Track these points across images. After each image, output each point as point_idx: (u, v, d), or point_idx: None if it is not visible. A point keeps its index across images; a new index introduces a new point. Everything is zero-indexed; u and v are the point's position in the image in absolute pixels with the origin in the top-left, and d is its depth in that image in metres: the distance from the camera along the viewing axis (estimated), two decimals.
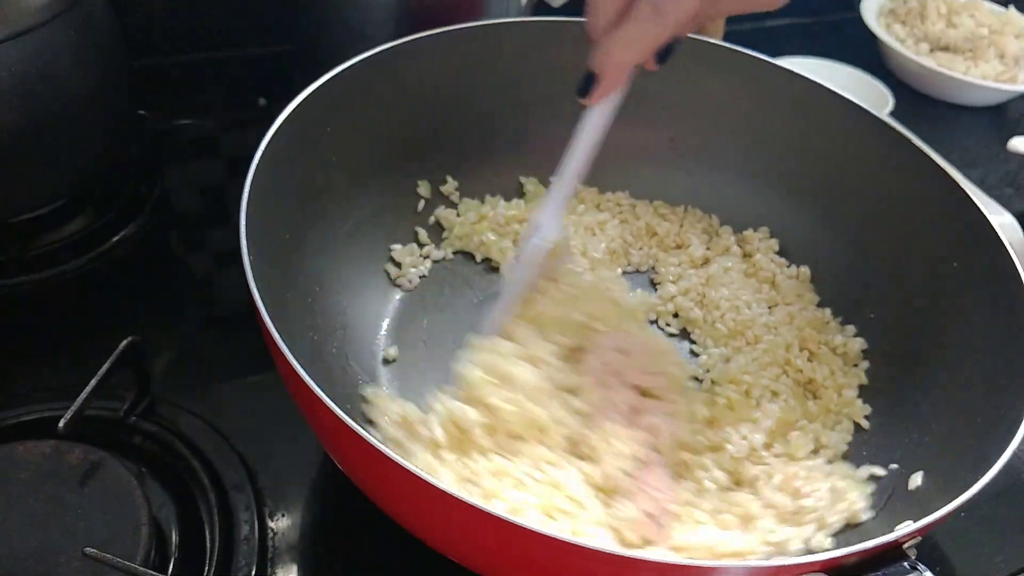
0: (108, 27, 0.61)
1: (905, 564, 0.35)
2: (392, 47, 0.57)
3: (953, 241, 0.54)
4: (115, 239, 0.63)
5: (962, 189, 0.54)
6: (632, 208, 0.68)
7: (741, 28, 0.90)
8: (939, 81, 0.97)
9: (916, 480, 0.48)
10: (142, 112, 0.70)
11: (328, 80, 0.54)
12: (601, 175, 0.65)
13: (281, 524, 0.51)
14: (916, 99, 0.99)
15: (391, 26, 0.66)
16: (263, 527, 0.50)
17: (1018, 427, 0.41)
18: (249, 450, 0.53)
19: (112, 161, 0.66)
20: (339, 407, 0.37)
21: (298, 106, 0.52)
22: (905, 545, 0.36)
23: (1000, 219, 0.75)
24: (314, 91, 0.53)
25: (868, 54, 1.00)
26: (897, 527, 0.39)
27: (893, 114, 0.87)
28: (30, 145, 0.56)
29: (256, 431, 0.54)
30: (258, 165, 0.48)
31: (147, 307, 0.63)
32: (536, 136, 0.67)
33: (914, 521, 0.38)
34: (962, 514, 0.53)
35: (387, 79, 0.59)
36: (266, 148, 0.49)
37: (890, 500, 0.48)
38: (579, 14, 0.67)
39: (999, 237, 0.51)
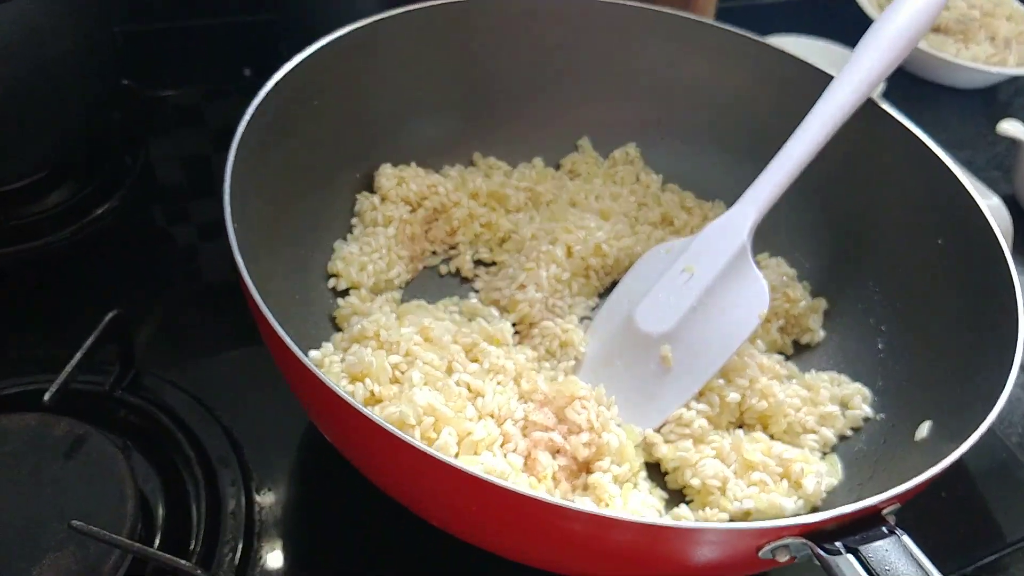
0: None
1: (883, 528, 0.36)
2: (379, 19, 0.57)
3: (939, 219, 0.55)
4: (99, 211, 0.63)
5: (949, 168, 0.54)
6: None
7: (735, 5, 0.89)
8: (930, 63, 0.97)
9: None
10: (126, 82, 0.68)
11: (313, 52, 0.54)
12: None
13: (267, 498, 0.51)
14: (908, 80, 1.00)
15: None
16: (249, 501, 0.50)
17: (994, 403, 0.41)
18: (235, 423, 0.53)
19: (95, 131, 0.65)
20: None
21: (282, 78, 0.52)
22: (884, 511, 0.37)
23: (987, 201, 0.75)
24: (299, 63, 0.53)
25: (858, 32, 1.00)
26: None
27: (885, 95, 0.87)
28: (11, 114, 0.56)
29: (242, 404, 0.54)
30: (242, 137, 0.48)
31: (131, 279, 0.62)
32: (528, 114, 0.67)
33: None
34: (943, 494, 0.55)
35: (375, 53, 0.58)
36: (250, 120, 0.49)
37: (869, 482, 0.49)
38: None
39: (984, 215, 0.51)
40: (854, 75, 0.55)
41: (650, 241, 0.63)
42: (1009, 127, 0.83)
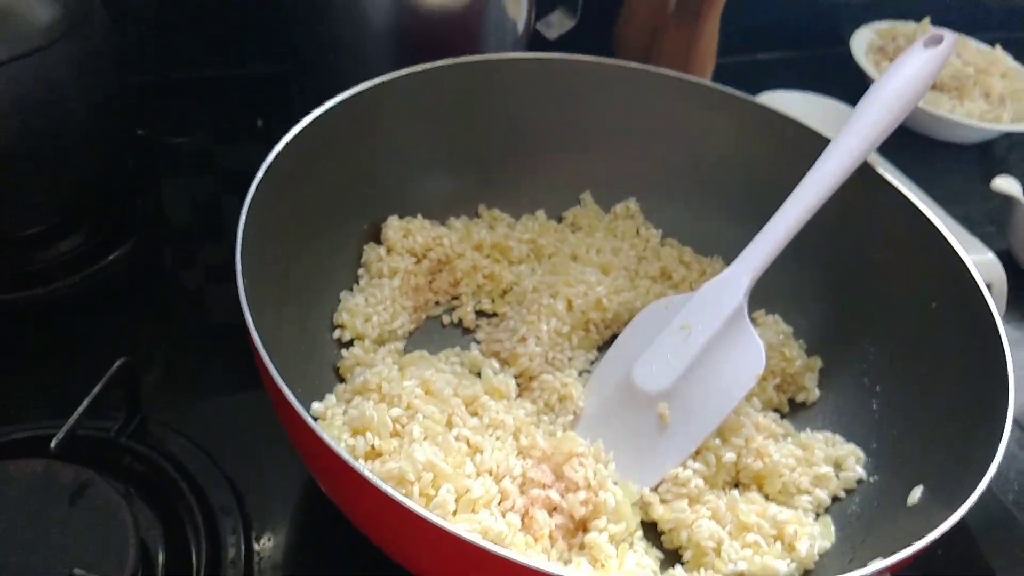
0: (109, 48, 0.61)
1: None
2: (390, 79, 0.59)
3: (932, 283, 0.56)
4: (110, 257, 0.63)
5: (941, 232, 0.55)
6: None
7: (732, 61, 0.91)
8: (925, 119, 0.99)
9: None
10: (140, 132, 0.70)
11: (326, 110, 0.55)
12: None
13: (267, 547, 0.51)
14: (903, 135, 1.00)
15: (390, 55, 0.67)
16: (249, 550, 0.50)
17: (985, 471, 0.42)
18: (237, 472, 0.54)
19: (109, 179, 0.66)
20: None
21: (296, 134, 0.53)
22: None
23: (982, 257, 0.77)
24: (313, 120, 0.55)
25: (857, 89, 1.02)
26: (869, 563, 0.40)
27: (880, 149, 0.89)
28: (29, 166, 0.57)
29: (245, 452, 0.55)
30: (255, 191, 0.49)
31: (140, 324, 0.63)
32: (532, 168, 0.69)
33: (883, 558, 0.39)
34: (939, 551, 0.55)
35: (385, 110, 0.60)
36: (263, 175, 0.50)
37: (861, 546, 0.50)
38: (572, 47, 0.70)
39: (976, 280, 0.52)
40: (850, 138, 0.57)
41: (649, 295, 0.64)
42: (1003, 184, 0.85)
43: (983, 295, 0.51)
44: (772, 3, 1.06)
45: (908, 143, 1.00)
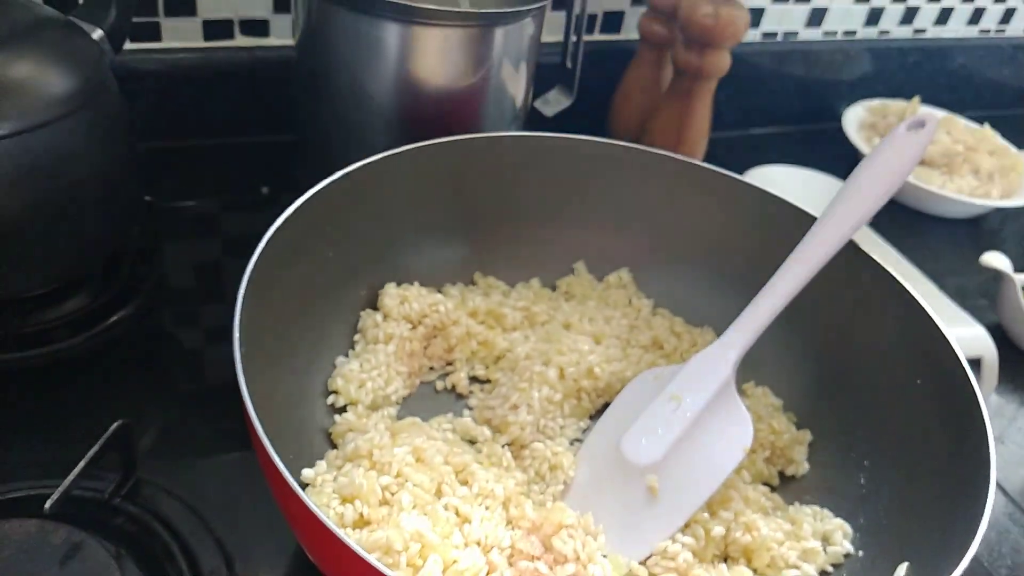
0: (121, 118, 0.63)
1: None
2: (392, 155, 0.61)
3: (917, 360, 0.57)
4: (112, 319, 0.65)
5: (925, 310, 0.56)
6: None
7: (726, 135, 0.94)
8: (916, 194, 1.01)
9: None
10: (148, 198, 0.72)
11: (329, 183, 0.57)
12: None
13: None
14: (895, 209, 1.03)
15: (391, 132, 0.70)
16: None
17: (970, 544, 0.43)
18: (227, 535, 0.54)
19: (115, 244, 0.68)
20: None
21: (300, 205, 0.55)
22: None
23: (972, 331, 0.77)
24: (316, 192, 0.56)
25: (849, 164, 1.04)
26: None
27: (872, 224, 0.91)
28: (37, 233, 0.58)
29: (235, 514, 0.55)
30: (258, 258, 0.51)
31: (138, 386, 0.64)
32: (527, 238, 0.71)
33: None
34: None
35: (385, 183, 0.62)
36: (267, 242, 0.52)
37: None
38: (569, 124, 0.72)
39: (959, 358, 0.53)
40: (835, 218, 0.58)
41: (640, 365, 0.65)
42: (991, 259, 0.86)
43: (965, 371, 0.52)
44: (766, 81, 1.10)
45: (901, 217, 1.02)
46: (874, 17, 1.14)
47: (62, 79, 0.58)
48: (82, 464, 0.50)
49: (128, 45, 0.65)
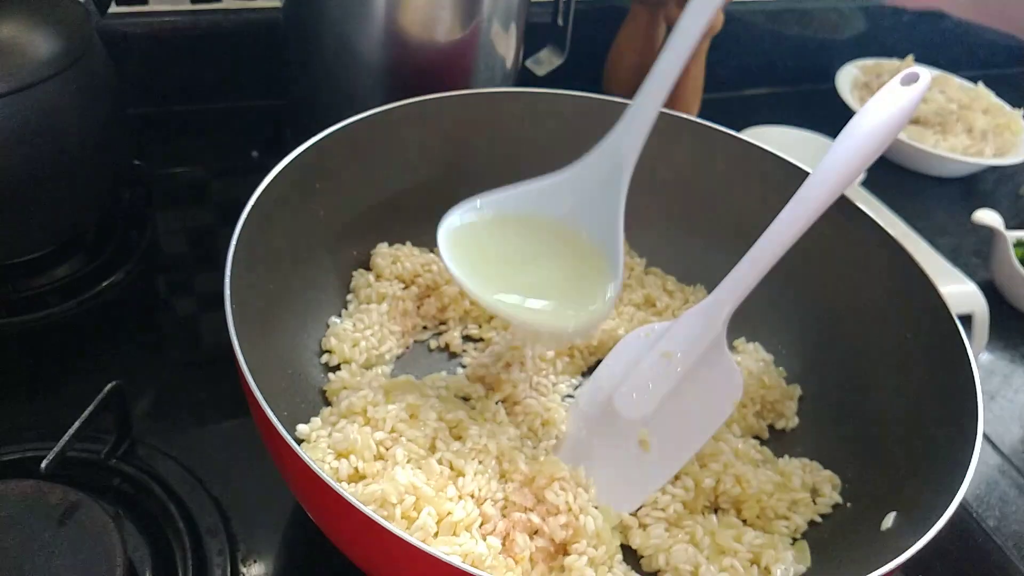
0: (108, 81, 0.63)
1: None
2: (381, 111, 0.60)
3: (908, 313, 0.57)
4: (105, 283, 0.65)
5: (917, 264, 0.57)
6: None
7: (720, 97, 0.94)
8: (910, 153, 1.01)
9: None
10: (138, 162, 0.72)
11: (319, 140, 0.57)
12: None
13: (253, 570, 0.52)
14: (889, 169, 1.03)
15: (381, 91, 0.69)
16: (235, 571, 0.51)
17: (952, 498, 0.43)
18: (224, 494, 0.54)
19: (106, 208, 0.68)
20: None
21: (288, 163, 0.55)
22: None
23: (963, 288, 0.78)
24: (304, 150, 0.56)
25: (842, 124, 1.04)
26: None
27: (866, 183, 0.91)
28: (29, 195, 0.58)
29: (232, 475, 0.55)
30: (246, 219, 0.51)
31: (132, 349, 0.65)
32: None
33: None
34: None
35: (376, 141, 0.61)
36: (256, 201, 0.52)
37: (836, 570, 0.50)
38: (561, 86, 0.72)
39: (950, 312, 0.53)
40: (827, 172, 0.58)
41: (633, 322, 0.66)
42: (984, 216, 0.87)
43: (956, 325, 0.52)
44: (760, 42, 1.09)
45: (895, 177, 1.02)
46: None
47: (48, 40, 0.57)
48: (77, 424, 0.51)
49: (115, 9, 0.65)
